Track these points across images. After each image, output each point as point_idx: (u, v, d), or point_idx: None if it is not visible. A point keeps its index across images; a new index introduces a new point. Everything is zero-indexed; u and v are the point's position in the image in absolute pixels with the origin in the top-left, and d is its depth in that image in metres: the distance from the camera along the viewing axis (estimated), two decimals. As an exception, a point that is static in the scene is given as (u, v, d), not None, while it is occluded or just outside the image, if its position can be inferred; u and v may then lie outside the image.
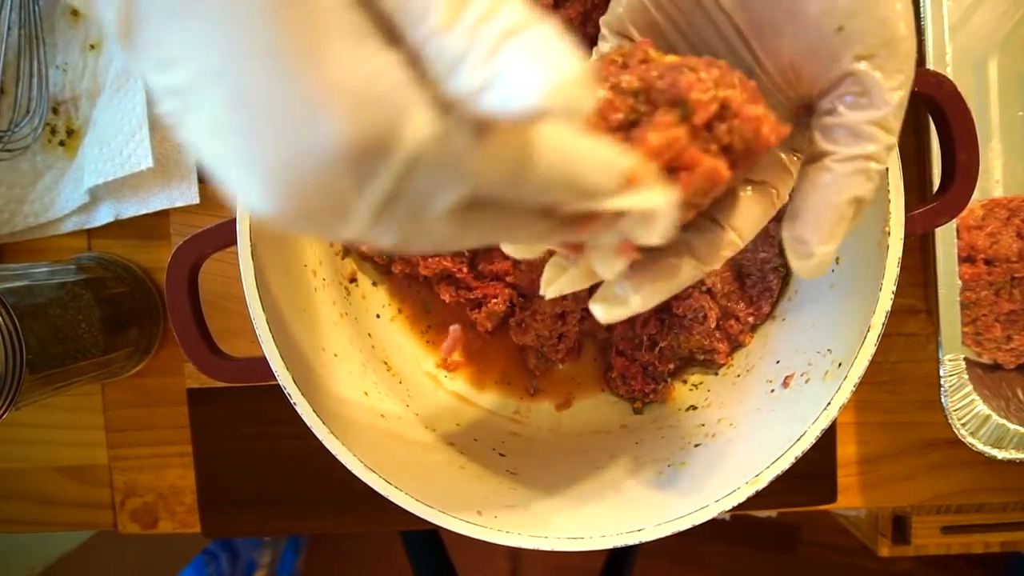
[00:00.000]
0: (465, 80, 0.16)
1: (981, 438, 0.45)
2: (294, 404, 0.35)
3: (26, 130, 0.49)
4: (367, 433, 0.38)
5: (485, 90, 0.16)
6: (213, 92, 0.16)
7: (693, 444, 0.42)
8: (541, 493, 0.40)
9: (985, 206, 0.48)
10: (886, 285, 0.35)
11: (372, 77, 0.16)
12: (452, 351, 0.47)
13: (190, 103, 0.16)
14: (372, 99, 0.16)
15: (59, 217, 0.50)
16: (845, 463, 0.50)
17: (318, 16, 0.15)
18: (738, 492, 0.35)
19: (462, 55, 0.16)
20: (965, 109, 0.37)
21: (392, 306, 0.49)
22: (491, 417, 0.48)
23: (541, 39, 0.16)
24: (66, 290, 0.44)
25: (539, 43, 0.16)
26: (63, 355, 0.42)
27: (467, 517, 0.35)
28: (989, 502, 0.51)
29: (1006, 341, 0.48)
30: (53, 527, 0.53)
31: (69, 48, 0.50)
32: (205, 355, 0.38)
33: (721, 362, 0.46)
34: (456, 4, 0.16)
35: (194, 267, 0.38)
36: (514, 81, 0.15)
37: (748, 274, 0.46)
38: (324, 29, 0.15)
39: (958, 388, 0.45)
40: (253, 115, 0.16)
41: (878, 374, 0.50)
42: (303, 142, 0.15)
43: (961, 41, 0.48)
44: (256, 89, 0.15)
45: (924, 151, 0.46)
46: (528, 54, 0.15)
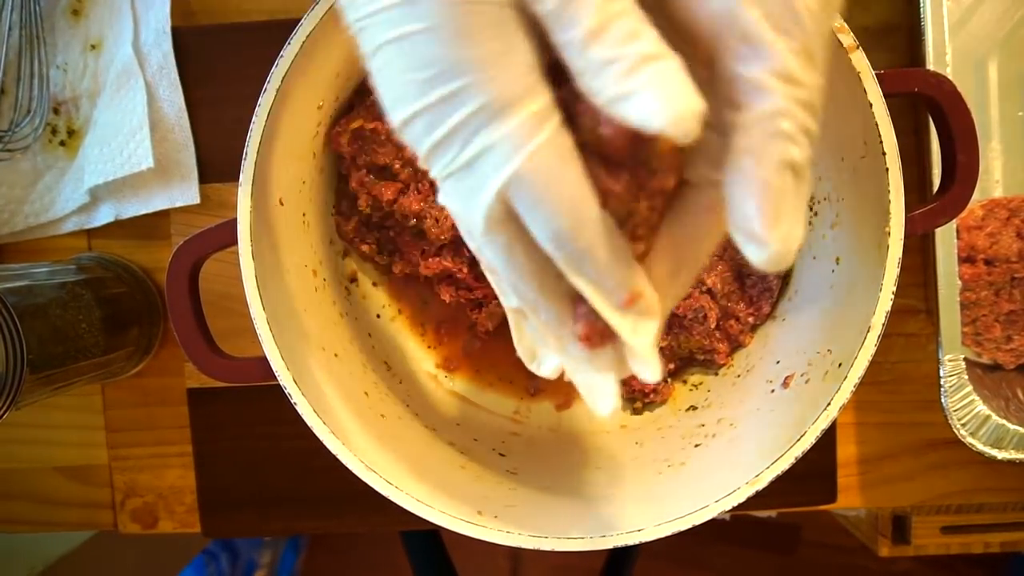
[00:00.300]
0: (605, 86, 0.19)
1: (981, 438, 0.45)
2: (294, 404, 0.35)
3: (27, 130, 0.49)
4: (367, 433, 0.38)
5: (622, 100, 0.19)
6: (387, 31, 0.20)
7: (693, 444, 0.42)
8: (541, 493, 0.40)
9: (985, 206, 0.48)
10: (886, 285, 0.35)
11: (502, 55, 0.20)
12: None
13: (368, 27, 0.21)
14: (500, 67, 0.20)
15: (59, 217, 0.50)
16: (845, 463, 0.50)
17: (475, 7, 0.19)
18: (738, 492, 0.35)
19: (605, 63, 0.19)
20: (965, 109, 0.37)
21: (392, 306, 0.49)
22: (491, 417, 0.48)
23: (672, 71, 0.19)
24: (66, 290, 0.44)
25: (670, 74, 0.19)
26: (63, 355, 0.42)
27: (467, 517, 0.35)
28: (989, 502, 0.51)
29: (1006, 341, 0.48)
30: (53, 527, 0.53)
31: (70, 48, 0.50)
32: (205, 355, 0.38)
33: (721, 362, 0.46)
34: (604, 18, 0.19)
35: (195, 267, 0.38)
36: (646, 99, 0.19)
37: (748, 274, 0.46)
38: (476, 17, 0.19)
39: (958, 388, 0.45)
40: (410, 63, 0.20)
41: (878, 374, 0.50)
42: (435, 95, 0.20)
43: (961, 41, 0.48)
44: (416, 48, 0.20)
45: (924, 151, 0.46)
46: (661, 80, 0.19)
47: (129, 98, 0.48)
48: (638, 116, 0.19)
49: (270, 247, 0.38)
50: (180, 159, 0.49)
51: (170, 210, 0.50)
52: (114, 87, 0.48)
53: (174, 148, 0.49)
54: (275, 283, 0.38)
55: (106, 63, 0.49)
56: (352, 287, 0.48)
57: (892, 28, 0.48)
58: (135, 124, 0.47)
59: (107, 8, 0.49)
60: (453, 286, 0.47)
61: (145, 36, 0.48)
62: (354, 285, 0.48)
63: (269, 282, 0.37)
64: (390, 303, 0.49)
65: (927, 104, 0.38)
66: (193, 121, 0.49)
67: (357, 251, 0.47)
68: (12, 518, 0.53)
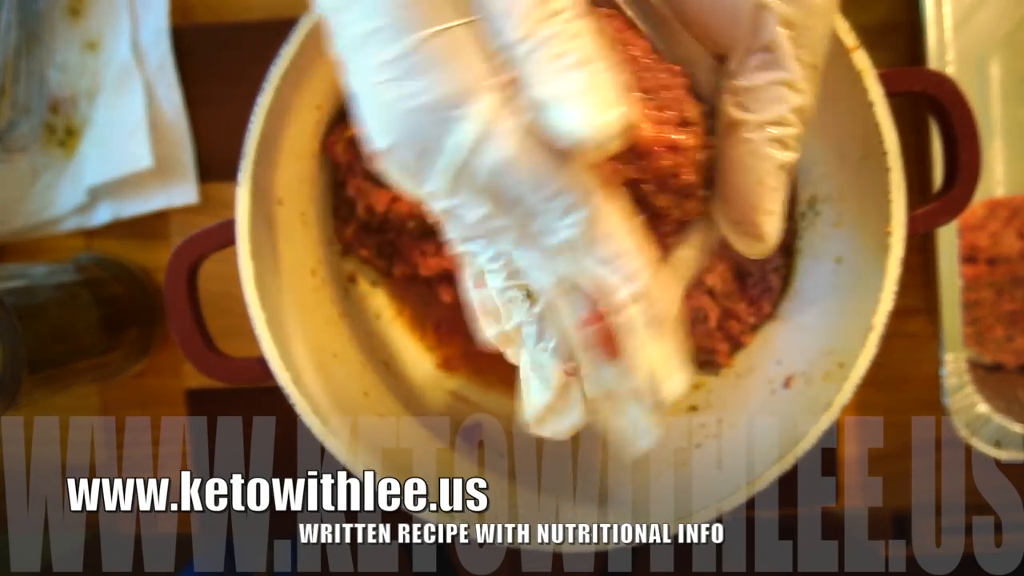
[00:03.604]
0: (537, 91, 0.18)
1: (982, 438, 0.45)
2: (293, 404, 0.35)
3: (25, 129, 0.49)
4: (367, 433, 0.38)
5: (548, 107, 0.18)
6: (354, 26, 0.20)
7: (693, 444, 0.42)
8: (541, 494, 0.40)
9: (987, 206, 0.48)
10: (887, 285, 0.35)
11: (453, 57, 0.19)
12: None
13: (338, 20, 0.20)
14: (448, 72, 0.19)
15: (58, 217, 0.50)
16: (845, 463, 0.50)
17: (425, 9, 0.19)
18: (738, 492, 0.35)
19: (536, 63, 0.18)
20: (967, 108, 0.37)
21: (392, 306, 0.49)
22: (491, 417, 0.48)
23: (601, 76, 0.18)
24: (65, 290, 0.44)
25: (598, 79, 0.18)
26: (62, 355, 0.42)
27: (467, 519, 0.35)
28: (990, 503, 0.51)
29: (1008, 341, 0.48)
30: (53, 527, 0.53)
31: (68, 47, 0.49)
32: (205, 355, 0.38)
33: (722, 363, 0.46)
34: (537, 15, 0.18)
35: (193, 267, 0.38)
36: (568, 107, 0.18)
37: (749, 274, 0.46)
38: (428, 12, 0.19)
39: (959, 388, 0.45)
40: (371, 61, 0.19)
41: (879, 374, 0.50)
42: (391, 91, 0.19)
43: (963, 40, 0.48)
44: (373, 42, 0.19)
45: (925, 151, 0.46)
46: (587, 86, 0.18)
47: (128, 97, 0.48)
48: (557, 123, 0.18)
49: (269, 247, 0.37)
50: (179, 158, 0.49)
51: (169, 210, 0.50)
52: (113, 86, 0.48)
53: (173, 147, 0.49)
54: (274, 283, 0.38)
55: (105, 62, 0.49)
56: (351, 287, 0.48)
57: (893, 27, 0.48)
58: (134, 123, 0.47)
59: (106, 7, 0.49)
60: (453, 286, 0.46)
61: (144, 35, 0.48)
62: (353, 285, 0.48)
63: (268, 282, 0.37)
64: (390, 303, 0.49)
65: (928, 103, 0.38)
66: (192, 120, 0.49)
67: (357, 255, 0.47)
68: (12, 518, 0.53)
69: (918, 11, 0.45)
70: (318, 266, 0.44)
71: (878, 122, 0.35)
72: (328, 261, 0.46)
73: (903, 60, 0.49)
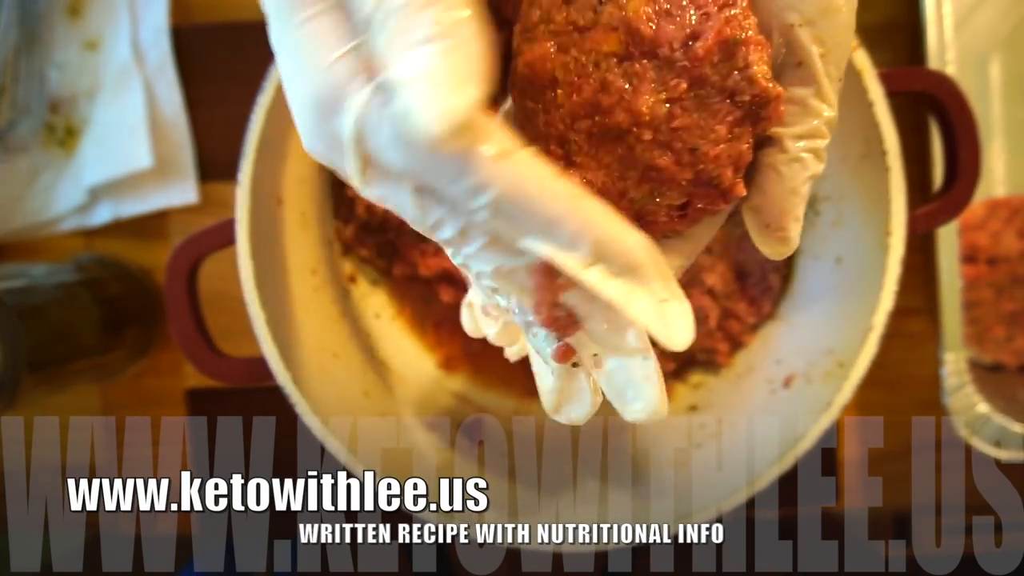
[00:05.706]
0: (387, 74, 0.17)
1: (982, 438, 0.45)
2: (293, 404, 0.35)
3: (24, 129, 0.49)
4: (367, 434, 0.38)
5: (396, 93, 0.16)
6: None
7: (693, 444, 0.42)
8: (541, 494, 0.40)
9: (987, 205, 0.48)
10: (888, 285, 0.35)
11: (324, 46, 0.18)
12: None
13: None
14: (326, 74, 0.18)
15: (57, 216, 0.50)
16: (845, 463, 0.50)
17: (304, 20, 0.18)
18: (738, 492, 0.35)
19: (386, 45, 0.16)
20: (967, 108, 0.37)
21: (392, 306, 0.49)
22: (491, 417, 0.48)
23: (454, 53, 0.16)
24: (65, 290, 0.44)
25: (448, 58, 0.16)
26: (62, 355, 0.42)
27: (467, 520, 0.35)
28: (990, 502, 0.51)
29: (1008, 341, 0.48)
30: (52, 527, 0.53)
31: (68, 47, 0.49)
32: (205, 355, 0.38)
33: (722, 362, 0.46)
34: None
35: (193, 267, 0.38)
36: (411, 92, 0.16)
37: (749, 273, 0.46)
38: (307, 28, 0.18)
39: (959, 388, 0.45)
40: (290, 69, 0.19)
41: (879, 374, 0.50)
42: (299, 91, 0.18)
43: (963, 40, 0.48)
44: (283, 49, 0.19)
45: (926, 150, 0.46)
46: (432, 66, 0.16)
47: (127, 97, 0.48)
48: (403, 116, 0.16)
49: (269, 246, 0.37)
50: (179, 158, 0.49)
51: (169, 210, 0.49)
52: (112, 86, 0.48)
53: (173, 147, 0.49)
54: (274, 283, 0.38)
55: (104, 62, 0.49)
56: (351, 287, 0.48)
57: (893, 26, 0.48)
58: (133, 123, 0.47)
59: (105, 7, 0.49)
60: (453, 286, 0.46)
61: (143, 35, 0.48)
62: (353, 285, 0.48)
63: (268, 282, 0.37)
64: (390, 303, 0.49)
65: (929, 103, 0.38)
66: (192, 120, 0.49)
67: (357, 255, 0.47)
68: (12, 518, 0.53)
69: (918, 11, 0.45)
70: (318, 266, 0.44)
71: (878, 122, 0.35)
72: (328, 261, 0.46)
73: (903, 60, 0.48)
